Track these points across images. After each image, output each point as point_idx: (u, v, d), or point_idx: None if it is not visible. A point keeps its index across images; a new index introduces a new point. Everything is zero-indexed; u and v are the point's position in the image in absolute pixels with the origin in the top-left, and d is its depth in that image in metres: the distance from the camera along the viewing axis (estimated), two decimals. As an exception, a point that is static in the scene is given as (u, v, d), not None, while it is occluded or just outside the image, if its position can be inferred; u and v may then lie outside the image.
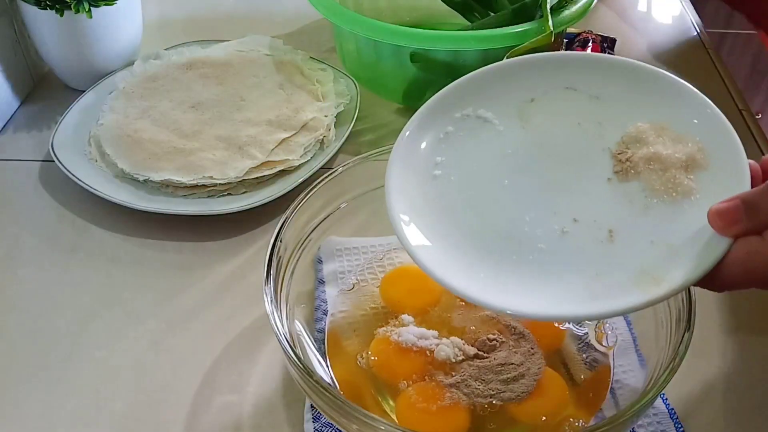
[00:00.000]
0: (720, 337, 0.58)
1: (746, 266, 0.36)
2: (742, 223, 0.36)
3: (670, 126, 0.43)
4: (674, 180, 0.42)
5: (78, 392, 0.54)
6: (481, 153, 0.47)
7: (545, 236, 0.43)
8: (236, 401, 0.53)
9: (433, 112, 0.47)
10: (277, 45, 0.84)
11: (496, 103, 0.47)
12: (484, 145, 0.47)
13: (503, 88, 0.47)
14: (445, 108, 0.47)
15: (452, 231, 0.44)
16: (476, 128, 0.47)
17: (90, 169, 0.70)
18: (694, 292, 0.46)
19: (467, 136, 0.47)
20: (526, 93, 0.47)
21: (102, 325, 0.59)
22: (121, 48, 0.82)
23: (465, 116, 0.47)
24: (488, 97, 0.47)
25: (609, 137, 0.45)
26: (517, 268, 0.42)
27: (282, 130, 0.72)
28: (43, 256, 0.65)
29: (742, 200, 0.36)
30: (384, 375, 0.50)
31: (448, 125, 0.47)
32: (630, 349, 0.52)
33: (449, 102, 0.47)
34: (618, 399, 0.50)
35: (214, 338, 0.57)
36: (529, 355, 0.50)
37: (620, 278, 0.40)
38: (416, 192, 0.45)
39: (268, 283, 0.48)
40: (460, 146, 0.47)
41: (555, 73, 0.47)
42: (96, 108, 0.76)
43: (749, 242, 0.36)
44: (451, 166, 0.47)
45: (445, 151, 0.47)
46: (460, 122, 0.47)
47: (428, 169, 0.46)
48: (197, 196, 0.68)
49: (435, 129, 0.47)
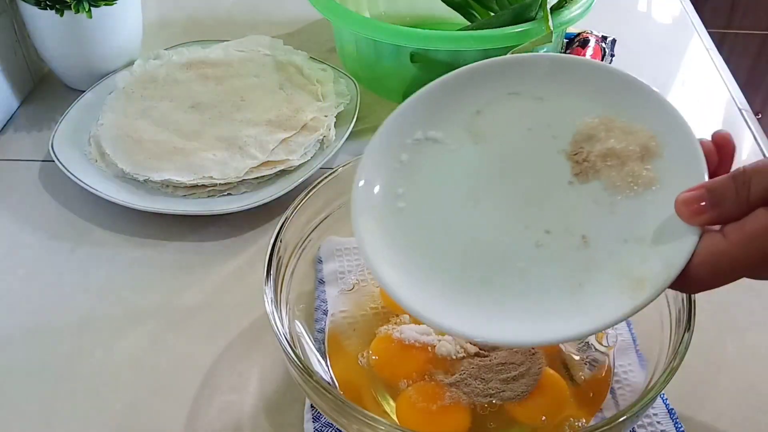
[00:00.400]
0: (720, 337, 0.58)
1: (713, 268, 0.36)
2: (708, 212, 0.36)
3: (617, 117, 0.43)
4: (633, 173, 0.41)
5: (78, 392, 0.54)
6: (439, 177, 0.45)
7: (522, 254, 0.42)
8: (236, 401, 0.53)
9: (383, 144, 0.46)
10: (277, 45, 0.84)
11: (443, 121, 0.46)
12: (441, 169, 0.46)
13: (448, 105, 0.46)
14: (394, 137, 0.46)
15: (429, 266, 0.43)
16: (430, 152, 0.46)
17: (90, 169, 0.70)
18: (694, 293, 0.46)
19: (423, 161, 0.46)
20: (471, 106, 0.46)
21: (102, 324, 0.59)
22: (121, 48, 0.82)
23: (416, 141, 0.46)
24: (435, 117, 0.46)
25: (561, 138, 0.44)
26: (501, 294, 0.42)
27: (282, 130, 0.72)
28: (43, 256, 0.65)
29: (707, 189, 0.36)
30: (385, 373, 0.50)
31: (402, 154, 0.46)
32: (630, 349, 0.52)
33: (397, 129, 0.46)
34: (618, 399, 0.50)
35: (214, 338, 0.57)
36: (530, 354, 0.50)
37: (604, 285, 0.40)
38: (387, 233, 0.44)
39: (268, 283, 0.48)
40: (418, 173, 0.46)
41: (496, 80, 0.46)
42: (96, 108, 0.76)
43: (714, 244, 0.36)
44: (414, 196, 0.45)
45: (404, 182, 0.45)
46: (412, 148, 0.46)
47: (392, 204, 0.45)
48: (197, 196, 0.68)
49: (389, 161, 0.46)
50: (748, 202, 0.34)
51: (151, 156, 0.69)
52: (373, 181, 0.45)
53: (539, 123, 0.45)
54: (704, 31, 0.98)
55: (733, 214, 0.35)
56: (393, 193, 0.45)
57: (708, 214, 0.36)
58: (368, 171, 0.45)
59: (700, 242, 0.37)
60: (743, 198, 0.34)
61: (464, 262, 0.43)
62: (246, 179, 0.68)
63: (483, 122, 0.46)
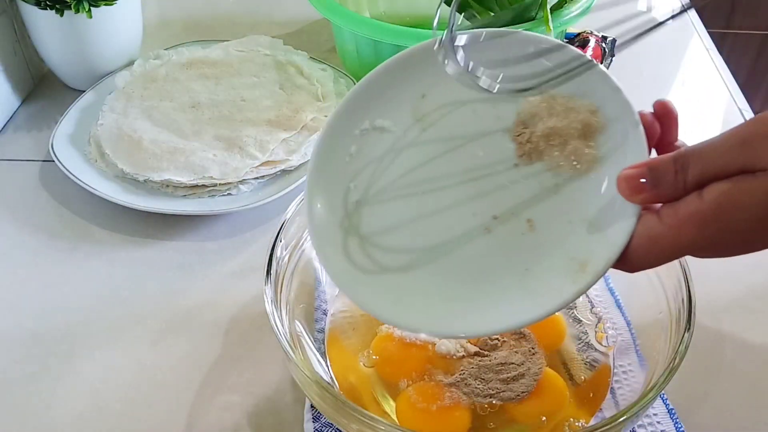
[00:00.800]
0: (720, 337, 0.58)
1: (650, 251, 0.36)
2: (647, 191, 0.36)
3: (558, 93, 0.42)
4: (576, 152, 0.41)
5: (78, 392, 0.54)
6: (389, 167, 0.45)
7: (471, 242, 0.42)
8: (236, 401, 0.53)
9: (331, 139, 0.45)
10: (277, 45, 0.84)
11: (389, 108, 0.45)
12: (389, 158, 0.45)
13: (393, 90, 0.45)
14: (342, 129, 0.45)
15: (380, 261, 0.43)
16: (378, 141, 0.45)
17: (90, 169, 0.70)
18: (693, 292, 0.46)
19: (371, 152, 0.45)
20: (416, 90, 0.45)
21: (102, 324, 0.59)
22: (121, 48, 0.82)
23: (364, 131, 0.45)
24: (381, 104, 0.45)
25: (505, 118, 0.43)
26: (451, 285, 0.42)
27: (282, 130, 0.72)
28: (43, 256, 0.65)
29: (648, 168, 0.36)
30: (386, 373, 0.50)
31: (351, 145, 0.45)
32: (630, 349, 0.52)
33: (345, 121, 0.45)
34: (618, 399, 0.50)
35: (214, 338, 0.57)
36: (530, 354, 0.50)
37: (549, 270, 0.40)
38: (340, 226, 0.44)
39: (268, 282, 0.48)
40: (368, 165, 0.45)
41: (437, 62, 0.43)
42: (96, 108, 0.76)
43: (650, 227, 0.36)
44: (365, 188, 0.45)
45: (355, 175, 0.45)
46: (360, 139, 0.45)
47: (346, 199, 0.45)
48: (197, 196, 0.68)
49: (339, 155, 0.45)
50: (685, 184, 0.34)
51: (151, 156, 0.69)
52: (324, 181, 0.44)
53: (483, 103, 0.44)
54: (704, 31, 0.98)
55: (671, 195, 0.35)
56: (345, 188, 0.45)
57: (647, 193, 0.36)
58: (318, 169, 0.45)
59: (638, 224, 0.37)
60: (681, 180, 0.35)
61: (414, 254, 0.43)
62: (246, 179, 0.68)
63: (428, 106, 0.45)
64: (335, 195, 0.45)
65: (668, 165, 0.35)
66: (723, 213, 0.33)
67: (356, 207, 0.45)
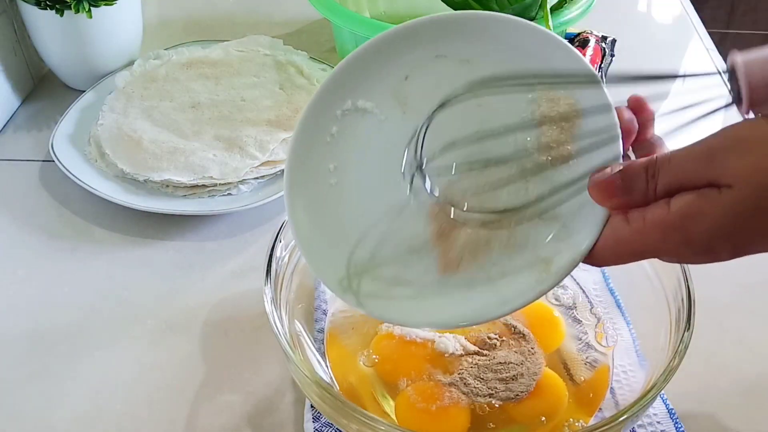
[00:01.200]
0: (720, 336, 0.58)
1: (615, 253, 0.37)
2: (618, 197, 0.36)
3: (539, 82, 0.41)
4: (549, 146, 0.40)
5: (78, 392, 0.54)
6: (368, 150, 0.44)
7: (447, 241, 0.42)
8: (236, 401, 0.53)
9: (313, 117, 0.44)
10: (277, 45, 0.84)
11: (372, 89, 0.44)
12: (369, 141, 0.44)
13: (376, 71, 0.44)
14: (324, 108, 0.44)
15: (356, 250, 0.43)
16: (359, 123, 0.44)
17: (90, 169, 0.70)
18: (693, 292, 0.46)
19: (352, 133, 0.44)
20: (398, 71, 0.43)
21: (102, 324, 0.59)
22: (121, 48, 0.82)
23: (345, 112, 0.44)
24: (364, 84, 0.44)
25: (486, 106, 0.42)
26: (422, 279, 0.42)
27: (282, 130, 0.72)
28: (43, 255, 0.65)
29: (621, 174, 0.36)
30: (386, 372, 0.50)
31: (332, 126, 0.44)
32: (630, 349, 0.52)
33: (327, 100, 0.44)
34: (618, 399, 0.50)
35: (214, 338, 0.57)
36: (529, 354, 0.50)
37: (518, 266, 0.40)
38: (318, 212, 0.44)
39: (268, 282, 0.48)
40: (348, 147, 0.44)
41: (425, 42, 0.43)
42: (96, 108, 0.76)
43: (617, 229, 0.37)
44: (344, 170, 0.44)
45: (335, 156, 0.44)
46: (342, 120, 0.44)
47: (325, 179, 0.44)
48: (197, 196, 0.68)
49: (320, 135, 0.44)
50: (655, 192, 0.35)
51: (151, 156, 0.69)
52: (304, 160, 0.44)
53: (464, 89, 0.43)
54: (704, 31, 0.98)
55: (641, 202, 0.36)
56: (324, 169, 0.44)
57: (618, 199, 0.36)
58: (299, 148, 0.44)
59: (607, 225, 0.37)
60: (651, 188, 0.35)
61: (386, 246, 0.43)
62: (246, 179, 0.68)
63: (411, 89, 0.44)
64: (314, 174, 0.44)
65: (640, 172, 0.36)
66: (687, 223, 0.34)
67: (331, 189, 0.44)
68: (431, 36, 0.43)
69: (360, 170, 0.44)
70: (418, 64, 0.43)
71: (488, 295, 0.40)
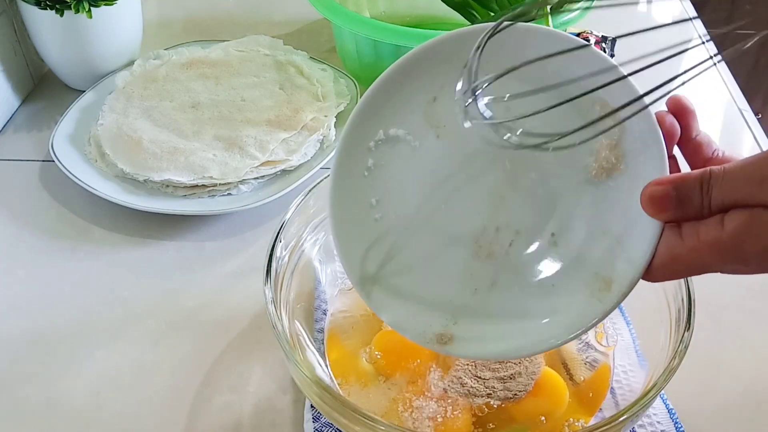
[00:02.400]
0: (720, 336, 0.58)
1: (670, 268, 0.37)
2: (672, 210, 0.36)
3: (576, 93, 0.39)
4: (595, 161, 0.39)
5: (78, 392, 0.54)
6: (407, 179, 0.43)
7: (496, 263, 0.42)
8: (236, 401, 0.53)
9: (348, 154, 0.43)
10: (277, 45, 0.84)
11: (401, 115, 0.43)
12: (407, 170, 0.43)
13: (401, 97, 0.42)
14: (357, 143, 0.43)
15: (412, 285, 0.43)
16: (394, 152, 0.43)
17: (90, 169, 0.70)
18: (693, 292, 0.46)
19: (389, 164, 0.43)
20: (424, 94, 0.42)
21: (102, 324, 0.59)
22: (121, 48, 0.82)
23: (378, 143, 0.43)
24: (392, 111, 0.43)
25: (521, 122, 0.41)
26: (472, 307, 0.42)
27: (282, 130, 0.72)
28: (43, 256, 0.65)
29: (674, 187, 0.36)
30: (388, 368, 0.50)
31: (368, 159, 0.43)
32: (630, 349, 0.52)
33: (358, 134, 0.43)
34: (618, 399, 0.50)
35: (214, 338, 0.57)
36: (529, 354, 0.50)
37: (574, 287, 0.39)
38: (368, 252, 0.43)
39: (268, 283, 0.48)
40: (387, 178, 0.43)
41: (445, 61, 0.41)
42: (96, 108, 0.76)
43: (672, 246, 0.36)
44: (387, 203, 0.43)
45: (376, 189, 0.43)
46: (376, 152, 0.43)
47: (369, 215, 0.43)
48: (197, 196, 0.68)
49: (357, 168, 0.43)
50: (710, 206, 0.35)
51: (151, 156, 0.69)
52: (345, 197, 0.43)
53: None
54: (704, 32, 0.98)
55: (695, 216, 0.36)
56: (367, 204, 0.44)
57: (672, 213, 0.36)
58: (339, 185, 0.43)
59: (661, 241, 0.37)
60: (705, 203, 0.35)
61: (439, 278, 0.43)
62: (246, 179, 0.68)
63: (440, 111, 0.43)
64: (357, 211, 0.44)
65: (694, 185, 0.35)
66: (741, 243, 0.34)
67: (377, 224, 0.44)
68: (453, 52, 0.41)
69: (402, 200, 0.43)
70: (443, 84, 0.42)
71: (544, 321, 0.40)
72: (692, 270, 0.37)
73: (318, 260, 0.58)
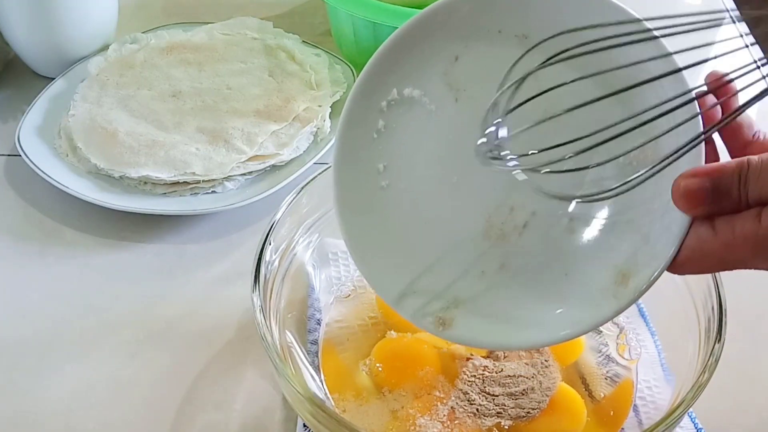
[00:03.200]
0: (753, 348, 0.58)
1: (699, 263, 0.37)
2: (707, 206, 0.36)
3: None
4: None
5: (47, 409, 0.54)
6: (419, 146, 0.43)
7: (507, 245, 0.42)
8: (221, 420, 0.53)
9: (356, 113, 0.43)
10: (267, 28, 0.84)
11: (419, 73, 0.42)
12: (420, 135, 0.43)
13: (422, 53, 0.42)
14: (367, 101, 0.43)
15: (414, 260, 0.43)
16: (407, 114, 0.43)
17: (60, 164, 0.70)
18: (725, 300, 0.46)
19: (401, 127, 0.43)
20: (447, 51, 0.42)
21: (73, 335, 0.59)
22: (94, 31, 0.82)
23: (391, 103, 0.43)
24: (409, 69, 0.42)
25: None
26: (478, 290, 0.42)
27: (272, 122, 0.72)
28: (8, 259, 0.65)
29: (710, 180, 0.35)
30: (390, 379, 0.50)
31: (378, 120, 0.44)
32: (655, 363, 0.52)
33: (369, 91, 0.43)
34: (642, 417, 0.50)
35: (196, 350, 0.57)
36: (542, 367, 0.50)
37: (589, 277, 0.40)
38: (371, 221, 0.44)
39: (257, 290, 0.48)
40: (397, 142, 0.44)
41: (477, 14, 0.41)
42: (67, 97, 0.76)
43: (703, 240, 0.36)
44: (395, 170, 0.44)
45: (384, 154, 0.44)
46: (388, 113, 0.43)
47: (375, 184, 0.44)
48: (179, 194, 0.68)
49: (366, 130, 0.43)
50: (747, 200, 0.35)
51: (127, 150, 0.69)
52: (351, 161, 0.43)
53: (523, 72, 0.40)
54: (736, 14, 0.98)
55: (731, 210, 0.35)
56: (374, 170, 0.44)
57: (707, 208, 0.36)
58: (344, 147, 0.43)
59: (690, 232, 0.37)
60: (743, 197, 0.35)
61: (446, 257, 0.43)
62: (232, 175, 0.68)
63: (461, 72, 0.42)
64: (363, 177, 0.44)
65: (733, 179, 0.35)
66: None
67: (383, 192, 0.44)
68: (482, 7, 0.41)
69: (412, 168, 0.44)
70: (468, 41, 0.42)
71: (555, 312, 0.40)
72: (724, 266, 0.37)
73: (311, 265, 0.58)
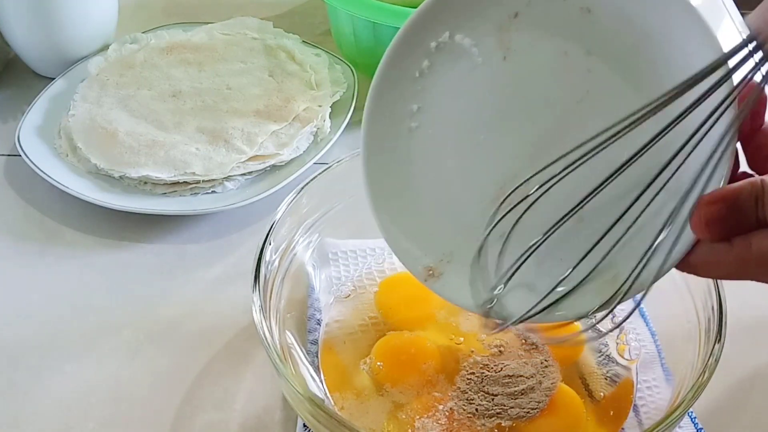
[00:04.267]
0: (754, 348, 0.58)
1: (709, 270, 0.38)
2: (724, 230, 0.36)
3: None
4: None
5: (46, 410, 0.54)
6: (458, 95, 0.43)
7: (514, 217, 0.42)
8: (221, 420, 0.53)
9: (409, 42, 0.43)
10: (267, 28, 0.84)
11: (474, 23, 0.42)
12: (461, 85, 0.43)
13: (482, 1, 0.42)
14: (419, 35, 0.43)
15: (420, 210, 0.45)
16: (452, 62, 0.43)
17: (60, 164, 0.70)
18: (725, 300, 0.46)
19: (443, 74, 0.43)
20: (509, 4, 0.41)
21: (73, 336, 0.59)
22: (94, 31, 0.82)
23: (440, 45, 0.43)
24: (466, 16, 0.42)
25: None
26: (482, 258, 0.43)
27: (272, 122, 0.72)
28: (8, 259, 0.65)
29: (728, 206, 0.35)
30: (390, 377, 0.50)
31: (424, 59, 0.43)
32: (655, 363, 0.52)
33: (425, 27, 0.42)
34: (641, 417, 0.50)
35: (196, 351, 0.57)
36: (542, 367, 0.50)
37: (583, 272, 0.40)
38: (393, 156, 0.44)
39: (257, 290, 0.48)
40: (436, 88, 0.44)
41: None
42: (67, 97, 0.76)
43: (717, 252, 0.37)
44: (428, 115, 0.44)
45: (420, 96, 0.44)
46: (435, 55, 0.43)
47: (404, 122, 0.44)
48: (178, 194, 0.68)
49: (411, 65, 0.43)
50: (765, 220, 0.35)
51: (127, 150, 0.69)
52: (388, 94, 0.44)
53: (578, 46, 0.41)
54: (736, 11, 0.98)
55: (746, 231, 0.36)
56: (407, 110, 0.44)
57: (724, 233, 0.36)
58: (386, 80, 0.44)
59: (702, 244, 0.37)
60: (761, 216, 0.35)
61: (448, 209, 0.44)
62: (232, 175, 0.68)
63: (517, 31, 0.42)
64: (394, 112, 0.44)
65: (748, 202, 0.35)
66: None
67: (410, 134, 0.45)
68: None
69: (442, 117, 0.44)
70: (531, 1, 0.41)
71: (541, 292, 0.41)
72: (732, 277, 0.37)
73: (311, 265, 0.58)
